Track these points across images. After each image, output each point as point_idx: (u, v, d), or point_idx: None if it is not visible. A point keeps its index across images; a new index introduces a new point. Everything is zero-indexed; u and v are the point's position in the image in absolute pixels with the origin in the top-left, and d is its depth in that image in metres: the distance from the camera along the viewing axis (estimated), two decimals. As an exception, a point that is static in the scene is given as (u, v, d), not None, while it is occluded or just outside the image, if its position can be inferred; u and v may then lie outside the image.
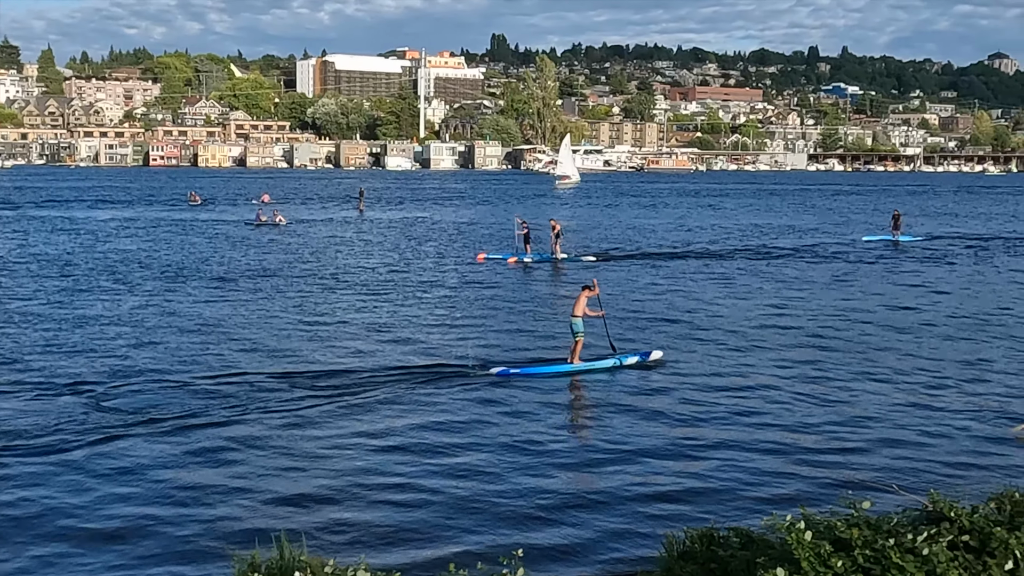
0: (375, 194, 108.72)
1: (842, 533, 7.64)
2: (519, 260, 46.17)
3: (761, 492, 15.20)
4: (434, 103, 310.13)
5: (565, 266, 45.10)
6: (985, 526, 7.98)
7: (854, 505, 8.05)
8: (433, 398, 20.61)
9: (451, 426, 18.56)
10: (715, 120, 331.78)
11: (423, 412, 19.55)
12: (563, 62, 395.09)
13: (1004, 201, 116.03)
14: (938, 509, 8.19)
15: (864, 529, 7.73)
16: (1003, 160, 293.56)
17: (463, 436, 17.95)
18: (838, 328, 28.99)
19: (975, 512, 8.25)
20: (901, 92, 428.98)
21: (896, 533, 7.74)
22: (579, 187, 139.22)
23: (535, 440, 17.80)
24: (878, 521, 7.98)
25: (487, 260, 46.65)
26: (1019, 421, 18.87)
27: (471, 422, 18.90)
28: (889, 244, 56.61)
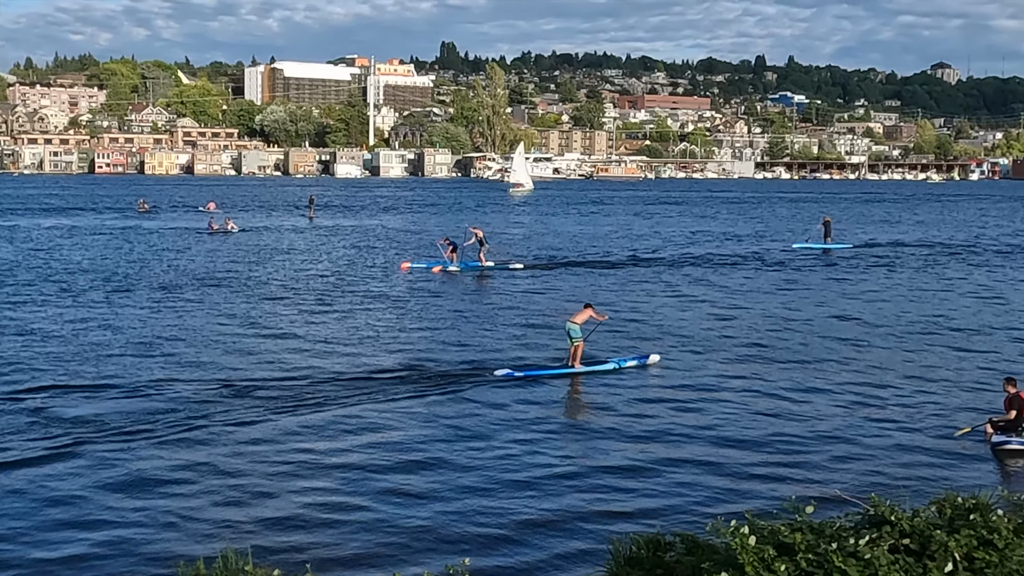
0: (324, 202, 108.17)
1: (785, 538, 7.72)
2: (444, 269, 45.35)
3: (708, 497, 15.34)
4: (383, 111, 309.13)
5: (491, 273, 44.70)
6: (925, 529, 8.10)
7: (798, 510, 8.13)
8: (379, 412, 20.56)
9: (398, 444, 18.48)
10: (664, 128, 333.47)
11: (369, 430, 19.49)
12: (513, 70, 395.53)
13: (941, 209, 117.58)
14: (879, 513, 8.30)
15: (807, 533, 7.82)
16: (946, 168, 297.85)
17: (413, 454, 17.89)
18: (777, 335, 29.28)
19: (916, 516, 8.37)
20: (846, 101, 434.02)
21: (838, 537, 7.83)
22: (532, 195, 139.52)
23: (488, 456, 17.82)
24: (821, 525, 8.07)
25: (411, 269, 45.80)
26: (959, 426, 19.18)
27: (418, 440, 18.87)
28: (819, 252, 56.83)
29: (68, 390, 21.54)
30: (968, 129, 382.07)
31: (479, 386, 22.51)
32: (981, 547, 7.93)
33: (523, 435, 18.95)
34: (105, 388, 21.72)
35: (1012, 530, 8.27)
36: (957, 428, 19.02)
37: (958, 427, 19.05)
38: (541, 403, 21.44)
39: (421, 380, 22.75)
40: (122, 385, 22.00)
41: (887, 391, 22.50)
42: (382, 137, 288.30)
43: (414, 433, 18.77)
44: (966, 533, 8.03)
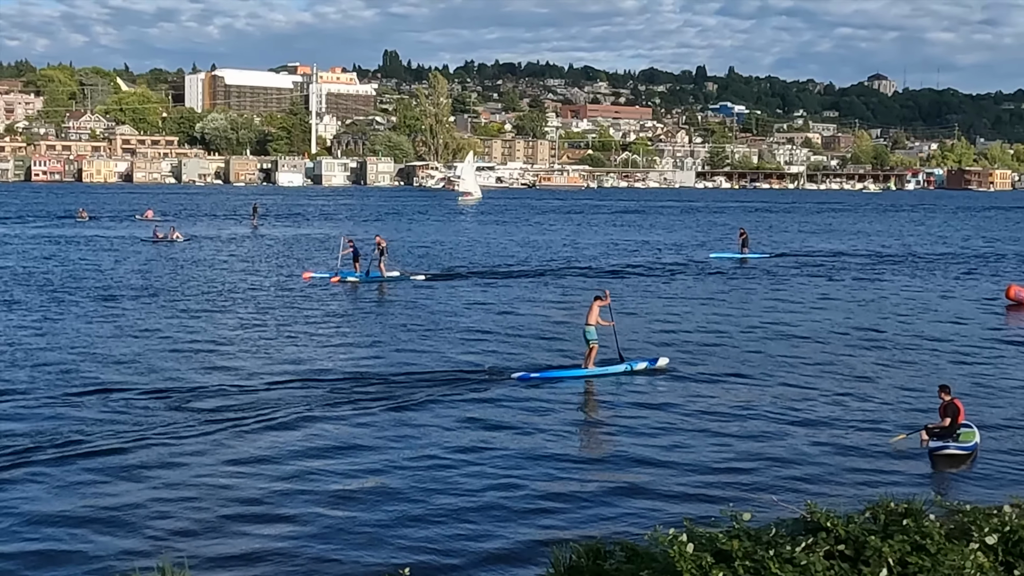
0: (265, 210, 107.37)
1: (723, 545, 7.80)
2: (342, 279, 44.22)
3: (645, 505, 15.44)
4: (326, 119, 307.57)
5: (392, 284, 43.94)
6: (860, 535, 8.22)
7: (735, 517, 8.22)
8: (327, 420, 20.46)
9: (352, 449, 18.43)
10: (606, 138, 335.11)
11: (314, 436, 19.40)
12: (456, 79, 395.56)
13: (874, 218, 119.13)
14: (815, 519, 8.41)
15: (744, 540, 7.91)
16: (882, 178, 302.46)
17: (359, 457, 17.85)
18: (702, 345, 29.41)
19: (851, 522, 8.49)
20: (785, 111, 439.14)
21: (775, 544, 7.94)
22: (481, 203, 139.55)
23: (441, 457, 17.80)
24: (758, 532, 8.17)
25: (313, 279, 44.75)
26: (894, 433, 19.47)
27: (365, 445, 18.82)
28: (736, 262, 56.80)
29: (6, 398, 21.24)
30: (904, 140, 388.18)
31: (502, 386, 23.30)
32: (914, 552, 8.07)
33: (539, 435, 19.12)
34: (43, 396, 21.42)
35: (944, 535, 8.42)
36: (892, 435, 19.30)
37: (893, 434, 19.33)
38: (555, 403, 21.99)
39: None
40: (61, 393, 21.70)
41: (820, 399, 22.76)
42: (324, 145, 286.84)
43: (362, 438, 18.71)
44: (899, 538, 8.16)
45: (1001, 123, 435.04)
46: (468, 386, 23.24)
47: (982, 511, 9.14)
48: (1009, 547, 8.63)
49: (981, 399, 22.43)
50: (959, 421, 18.92)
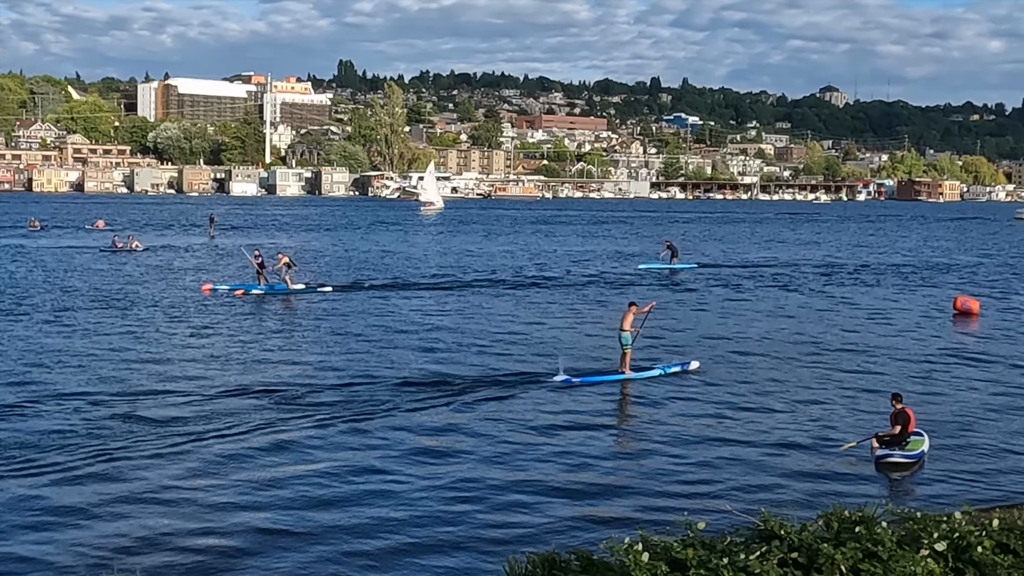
0: (222, 220, 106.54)
1: (678, 553, 7.85)
2: (247, 292, 42.88)
3: (601, 514, 15.48)
4: (280, 128, 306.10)
5: (299, 296, 42.72)
6: (813, 543, 8.29)
7: (690, 526, 8.28)
8: (292, 432, 20.35)
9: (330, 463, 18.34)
10: (561, 148, 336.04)
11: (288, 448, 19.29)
12: (411, 89, 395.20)
13: (820, 228, 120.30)
14: (769, 528, 8.48)
15: (699, 549, 7.96)
16: (834, 189, 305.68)
17: (320, 465, 17.77)
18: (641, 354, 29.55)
19: (804, 530, 8.57)
20: (739, 123, 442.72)
21: (729, 552, 7.99)
22: (442, 213, 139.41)
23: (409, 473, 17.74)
24: (712, 541, 8.23)
25: (213, 291, 43.41)
26: (846, 440, 19.66)
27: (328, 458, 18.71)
28: (665, 272, 56.41)
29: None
30: (855, 151, 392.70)
31: (542, 390, 24.05)
32: (866, 559, 8.15)
33: (569, 438, 19.39)
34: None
35: (895, 542, 8.51)
36: (844, 442, 19.49)
37: (845, 442, 19.52)
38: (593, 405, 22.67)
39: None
40: (20, 403, 21.45)
41: (772, 407, 22.94)
42: (279, 155, 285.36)
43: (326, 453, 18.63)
44: (852, 546, 8.24)
45: (950, 135, 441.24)
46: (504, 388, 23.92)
47: (932, 518, 9.25)
48: (958, 554, 8.74)
49: (931, 407, 22.70)
50: (910, 429, 19.14)
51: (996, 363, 29.15)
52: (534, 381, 25.07)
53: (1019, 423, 21.96)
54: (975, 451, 19.65)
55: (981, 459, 19.15)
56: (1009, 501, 15.87)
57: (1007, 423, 21.97)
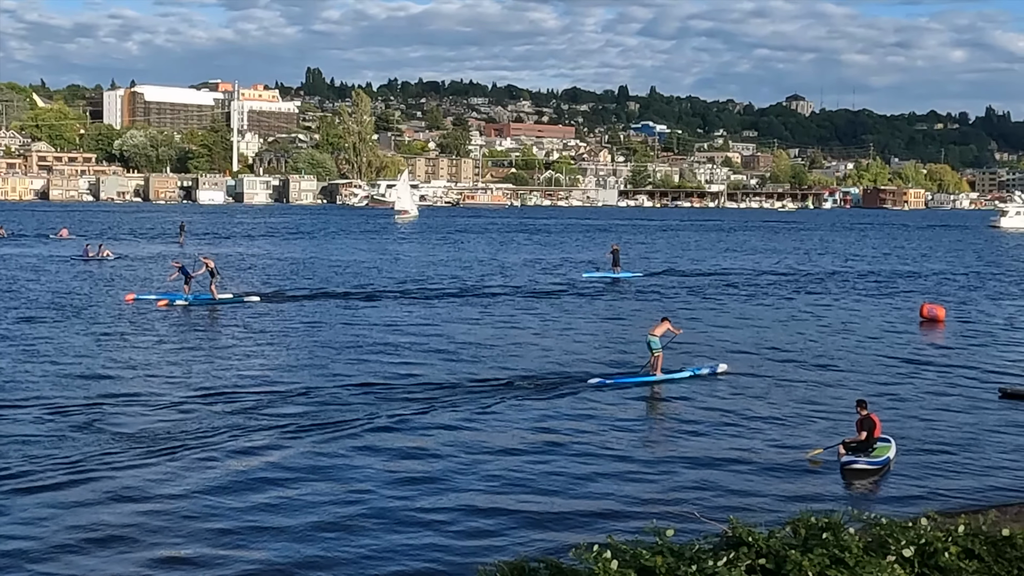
0: (191, 228, 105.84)
1: (647, 561, 7.86)
2: (171, 303, 41.26)
3: (569, 521, 15.49)
4: (247, 136, 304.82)
5: (225, 306, 41.38)
6: (781, 549, 8.33)
7: (659, 533, 8.29)
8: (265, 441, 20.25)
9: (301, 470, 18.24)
10: (529, 156, 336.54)
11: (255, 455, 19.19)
12: (379, 97, 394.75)
13: (778, 236, 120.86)
14: (737, 535, 8.50)
15: (668, 556, 7.97)
16: (800, 197, 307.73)
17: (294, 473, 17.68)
18: (600, 360, 29.59)
19: (772, 536, 8.60)
20: (706, 131, 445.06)
21: (698, 559, 8.01)
22: (416, 222, 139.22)
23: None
24: (681, 548, 8.24)
25: (137, 300, 42.03)
26: (813, 447, 19.78)
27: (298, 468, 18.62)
28: (608, 280, 55.29)
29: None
30: (821, 159, 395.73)
31: (578, 392, 24.87)
32: (833, 565, 8.19)
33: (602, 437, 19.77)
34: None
35: (862, 548, 8.56)
36: (811, 449, 19.60)
37: (812, 448, 19.63)
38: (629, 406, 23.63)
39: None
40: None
41: (741, 415, 23.04)
42: (246, 163, 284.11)
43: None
44: (819, 552, 8.28)
45: (914, 143, 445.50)
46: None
47: (899, 524, 9.32)
48: (925, 559, 8.80)
49: (897, 413, 22.87)
50: (876, 435, 19.28)
51: (961, 370, 29.41)
52: (566, 383, 25.89)
53: (984, 429, 22.16)
54: (941, 457, 19.80)
55: (947, 465, 19.31)
56: (974, 507, 16.00)
57: (972, 429, 22.17)
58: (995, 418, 23.29)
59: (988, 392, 26.07)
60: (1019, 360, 31.27)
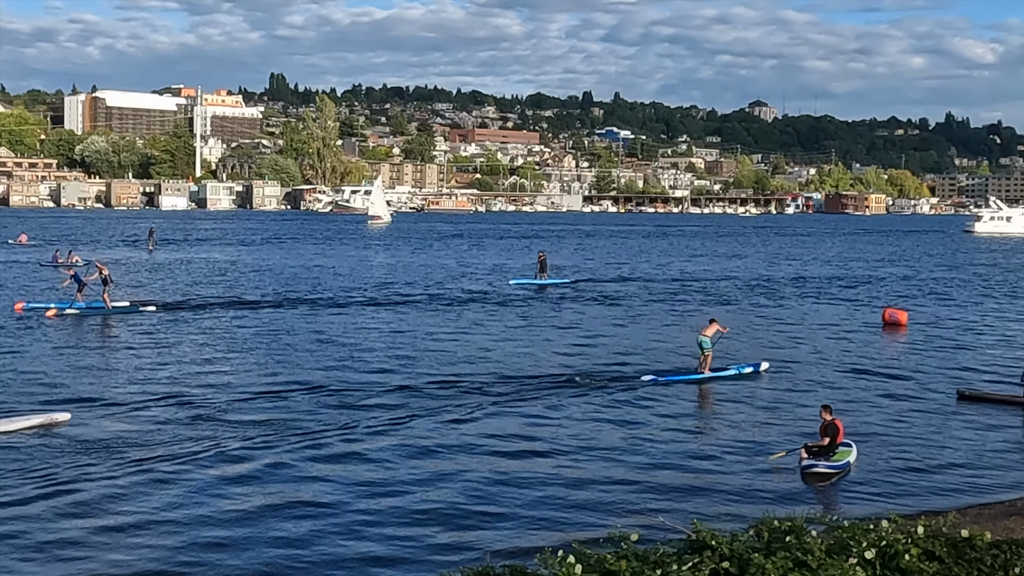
0: (140, 233, 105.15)
1: (611, 566, 7.88)
2: (60, 312, 39.44)
3: (537, 526, 15.52)
4: (211, 142, 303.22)
5: (119, 316, 39.52)
6: (744, 553, 8.37)
7: (623, 538, 8.32)
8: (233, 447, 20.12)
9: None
10: (494, 162, 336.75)
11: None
12: (343, 102, 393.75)
13: (731, 241, 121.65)
14: (700, 538, 8.54)
15: (632, 561, 8.00)
16: (763, 202, 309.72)
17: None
18: (555, 366, 29.59)
19: (735, 540, 8.64)
20: (670, 137, 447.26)
21: (662, 563, 8.04)
22: (389, 227, 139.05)
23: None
24: (645, 553, 8.27)
25: (26, 310, 40.04)
26: (775, 450, 19.91)
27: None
28: (535, 288, 54.13)
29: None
30: (784, 165, 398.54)
31: (631, 389, 26.10)
32: (796, 568, 8.25)
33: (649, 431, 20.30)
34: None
35: (825, 551, 8.63)
36: (774, 452, 19.72)
37: (775, 451, 19.76)
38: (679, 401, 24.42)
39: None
40: None
41: (704, 419, 23.19)
42: (209, 169, 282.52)
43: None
44: (782, 555, 8.33)
45: (876, 149, 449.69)
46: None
47: (861, 526, 9.39)
48: (886, 561, 8.88)
49: (860, 417, 23.05)
50: (839, 440, 19.42)
51: (921, 373, 29.70)
52: (619, 379, 27.29)
53: (944, 432, 22.40)
54: (902, 459, 19.99)
55: (907, 467, 19.49)
56: (934, 508, 16.15)
57: (931, 432, 22.41)
58: (953, 420, 23.56)
59: (947, 395, 26.34)
60: (977, 362, 31.62)
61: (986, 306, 49.61)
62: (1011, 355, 32.68)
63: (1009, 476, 19.11)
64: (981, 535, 9.73)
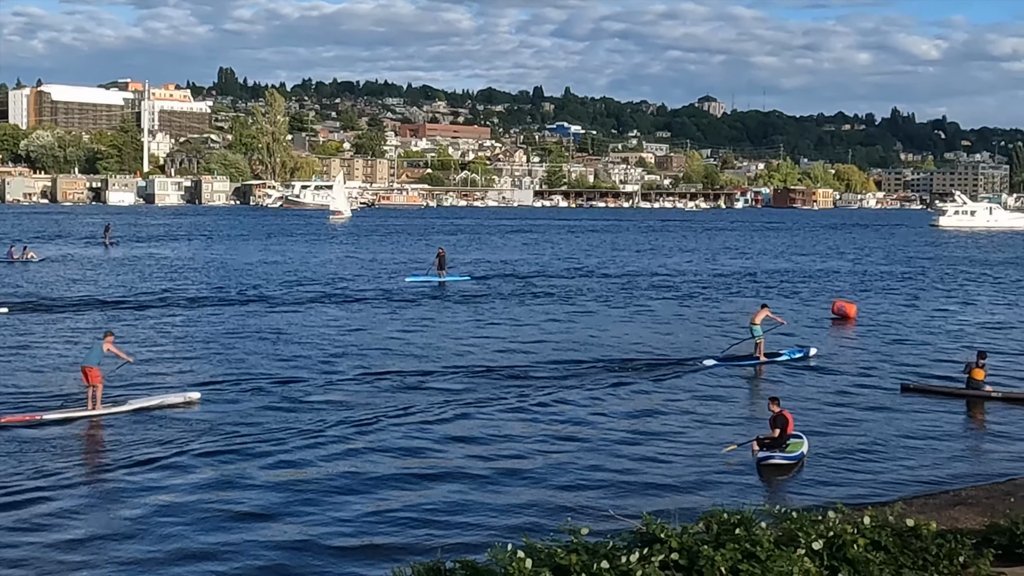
0: (92, 229, 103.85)
1: (561, 560, 7.92)
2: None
3: (493, 523, 15.52)
4: (159, 137, 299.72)
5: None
6: (693, 545, 8.45)
7: (574, 532, 8.36)
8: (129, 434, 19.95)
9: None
10: (445, 157, 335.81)
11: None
12: (293, 97, 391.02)
13: (684, 235, 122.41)
14: (651, 531, 8.61)
15: (582, 554, 8.04)
16: (713, 197, 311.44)
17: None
18: (493, 361, 29.66)
19: (685, 532, 8.72)
20: (620, 132, 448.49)
21: (612, 556, 8.09)
22: (350, 222, 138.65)
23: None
24: (596, 546, 8.32)
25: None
26: (726, 443, 20.05)
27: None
28: (433, 285, 52.48)
29: None
30: (733, 160, 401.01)
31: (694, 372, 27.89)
32: (745, 559, 8.34)
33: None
34: None
35: (773, 542, 8.73)
36: (725, 446, 19.86)
37: (726, 445, 19.89)
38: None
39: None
40: None
41: (651, 414, 23.27)
42: (157, 164, 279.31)
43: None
44: (731, 547, 8.42)
45: (823, 144, 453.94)
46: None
47: (808, 518, 9.51)
48: (833, 551, 8.99)
49: (807, 409, 23.27)
50: (788, 432, 19.58)
51: (869, 366, 30.04)
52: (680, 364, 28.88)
53: (890, 424, 22.67)
54: (849, 451, 20.21)
55: (854, 459, 19.70)
56: (881, 499, 16.35)
57: (878, 424, 22.68)
58: (898, 413, 23.86)
59: (893, 387, 26.67)
60: (922, 355, 32.03)
61: (937, 299, 50.19)
62: (956, 348, 33.11)
63: (953, 467, 19.38)
64: (926, 525, 9.89)
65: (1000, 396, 25.03)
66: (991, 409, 24.29)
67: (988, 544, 10.55)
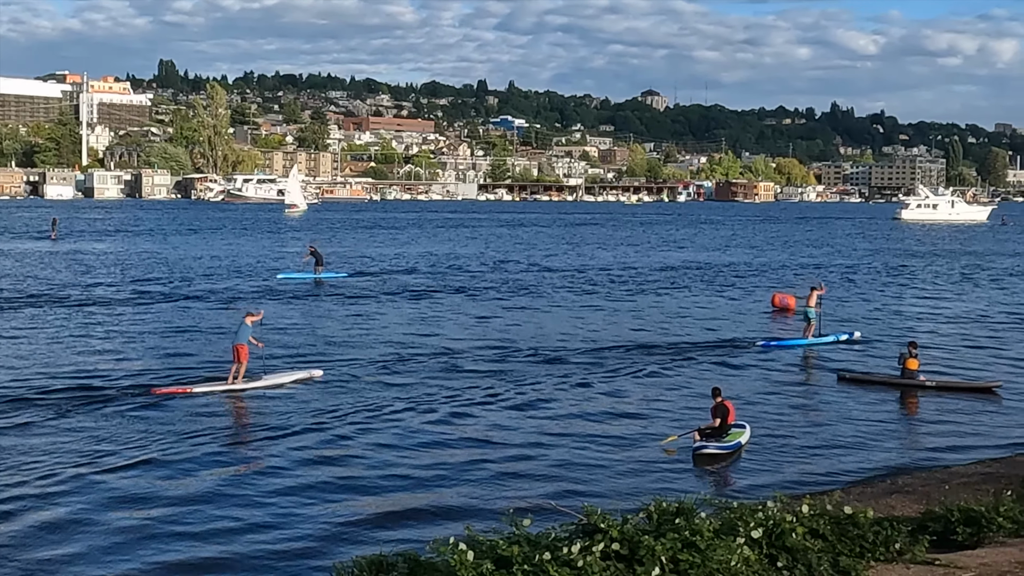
0: (37, 224, 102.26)
1: (503, 551, 7.95)
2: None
3: (437, 518, 15.54)
4: (97, 130, 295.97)
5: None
6: (634, 535, 8.51)
7: (515, 523, 8.39)
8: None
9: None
10: (389, 150, 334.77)
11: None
12: (235, 90, 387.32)
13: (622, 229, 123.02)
14: (592, 522, 8.66)
15: (524, 546, 8.08)
16: (656, 190, 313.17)
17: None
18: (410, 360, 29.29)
19: (626, 522, 8.79)
20: (564, 125, 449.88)
21: (553, 547, 8.14)
22: (305, 215, 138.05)
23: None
24: (538, 537, 8.36)
25: None
26: (667, 434, 20.22)
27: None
28: (310, 282, 50.32)
29: None
30: (676, 153, 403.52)
31: (748, 353, 30.25)
32: (685, 549, 8.42)
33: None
34: None
35: (713, 532, 8.82)
36: (665, 436, 20.01)
37: (666, 435, 20.05)
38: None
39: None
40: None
41: (592, 404, 23.39)
42: (96, 157, 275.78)
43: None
44: (671, 537, 8.50)
45: (764, 138, 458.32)
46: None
47: (748, 507, 9.62)
48: (772, 540, 9.11)
49: (746, 399, 23.48)
50: (729, 421, 19.78)
51: (807, 355, 30.44)
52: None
53: (827, 414, 23.01)
54: (788, 441, 20.46)
55: (793, 448, 19.95)
56: (820, 487, 16.58)
57: (816, 414, 23.03)
58: (835, 402, 24.22)
59: (830, 377, 27.07)
60: (859, 345, 32.49)
61: (883, 290, 50.85)
62: (893, 337, 33.56)
63: (889, 455, 19.69)
64: (864, 512, 10.05)
65: (934, 385, 25.46)
66: (925, 398, 24.71)
67: (923, 531, 10.74)
